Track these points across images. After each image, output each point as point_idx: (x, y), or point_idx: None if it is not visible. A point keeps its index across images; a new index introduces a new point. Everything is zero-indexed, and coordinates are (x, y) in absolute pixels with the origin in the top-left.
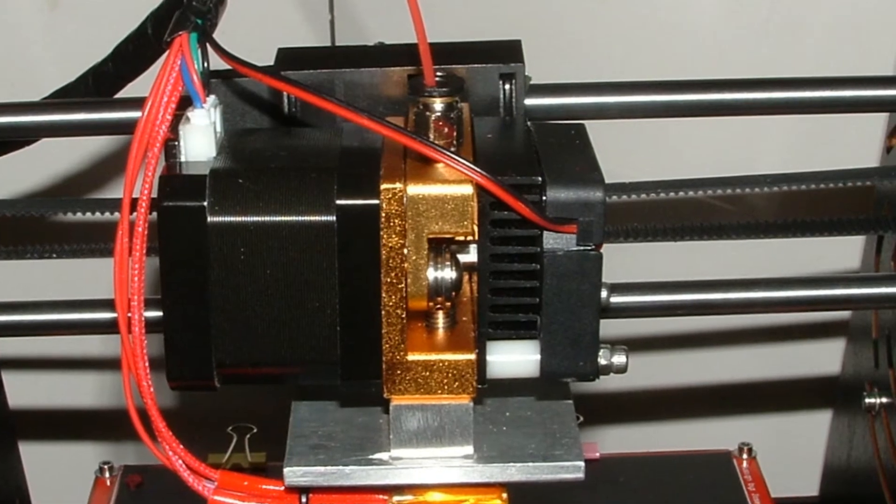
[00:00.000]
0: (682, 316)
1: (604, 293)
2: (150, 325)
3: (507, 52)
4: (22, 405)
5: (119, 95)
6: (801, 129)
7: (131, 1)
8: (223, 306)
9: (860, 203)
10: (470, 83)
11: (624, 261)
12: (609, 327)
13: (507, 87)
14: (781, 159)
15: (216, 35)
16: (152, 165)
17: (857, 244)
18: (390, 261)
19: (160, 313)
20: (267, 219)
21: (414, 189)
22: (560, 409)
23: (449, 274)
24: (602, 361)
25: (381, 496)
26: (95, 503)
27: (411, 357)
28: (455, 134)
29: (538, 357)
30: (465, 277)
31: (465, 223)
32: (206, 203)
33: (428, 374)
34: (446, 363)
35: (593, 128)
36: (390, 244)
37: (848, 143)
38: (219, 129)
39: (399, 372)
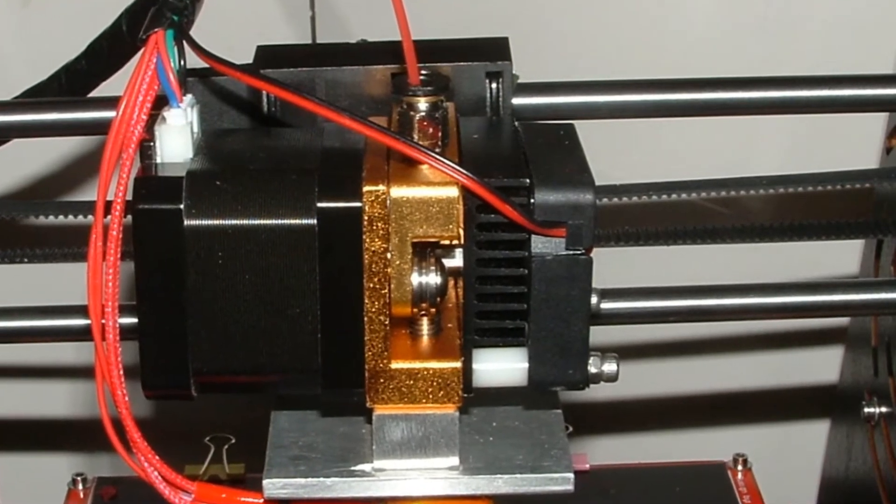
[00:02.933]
0: (674, 322)
1: (594, 299)
2: (125, 332)
3: (494, 50)
4: None
5: (93, 94)
6: (798, 129)
7: None
8: (200, 312)
9: (859, 206)
10: (455, 82)
11: (615, 265)
12: (599, 334)
13: (493, 85)
14: (778, 161)
15: (193, 32)
16: (127, 167)
17: (855, 248)
18: (373, 265)
19: (135, 320)
20: (245, 222)
21: (397, 191)
22: (549, 418)
23: (434, 279)
24: (592, 370)
25: None
26: None
27: (395, 365)
28: (440, 134)
29: (526, 365)
30: (451, 283)
31: (451, 226)
32: (182, 206)
33: (412, 382)
34: (431, 371)
35: (583, 128)
36: (373, 248)
37: (847, 144)
38: (196, 129)
39: (382, 380)
